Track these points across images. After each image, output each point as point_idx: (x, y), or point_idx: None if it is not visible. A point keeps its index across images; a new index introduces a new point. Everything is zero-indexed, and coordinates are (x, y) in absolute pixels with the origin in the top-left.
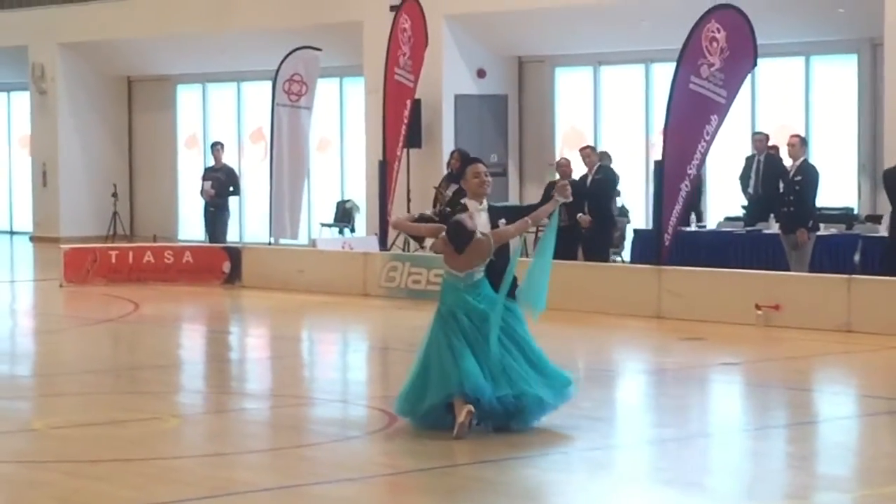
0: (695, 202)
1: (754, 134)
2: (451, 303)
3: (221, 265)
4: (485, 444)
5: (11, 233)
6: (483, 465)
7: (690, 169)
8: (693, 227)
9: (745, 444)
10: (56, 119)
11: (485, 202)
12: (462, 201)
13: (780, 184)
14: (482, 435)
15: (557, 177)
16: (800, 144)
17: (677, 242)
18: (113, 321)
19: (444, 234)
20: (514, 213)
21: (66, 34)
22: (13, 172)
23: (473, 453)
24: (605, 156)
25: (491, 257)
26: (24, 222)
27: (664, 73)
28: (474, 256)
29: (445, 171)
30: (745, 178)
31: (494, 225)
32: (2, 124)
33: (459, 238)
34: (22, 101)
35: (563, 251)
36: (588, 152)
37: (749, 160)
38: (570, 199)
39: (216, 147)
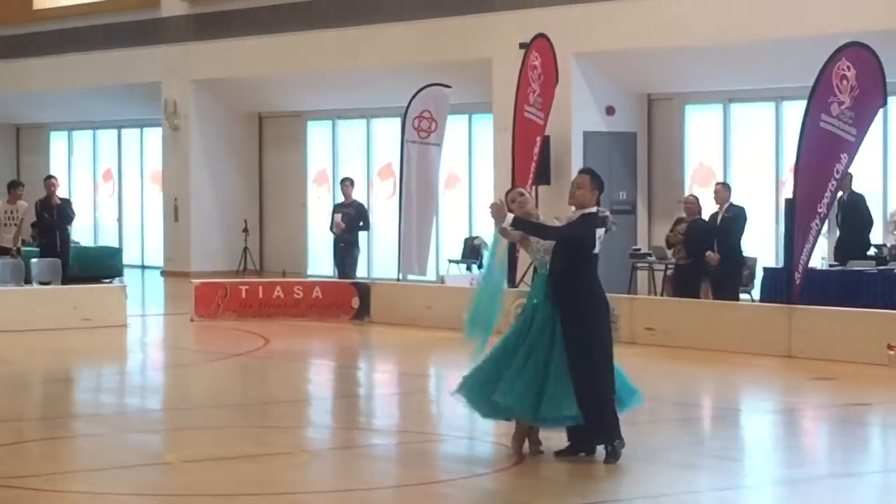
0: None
1: None
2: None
3: (350, 301)
4: (612, 482)
5: (143, 267)
6: None
7: (821, 207)
8: (825, 266)
9: (876, 485)
10: (188, 155)
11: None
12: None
13: (862, 223)
14: (611, 472)
15: (685, 214)
16: None
17: (807, 281)
18: (243, 356)
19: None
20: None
21: (199, 71)
22: (145, 207)
23: (603, 491)
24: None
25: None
26: (156, 257)
27: (795, 111)
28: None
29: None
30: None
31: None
32: (135, 160)
33: None
34: (155, 136)
35: (686, 288)
36: (719, 189)
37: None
38: (500, 222)
39: (345, 183)
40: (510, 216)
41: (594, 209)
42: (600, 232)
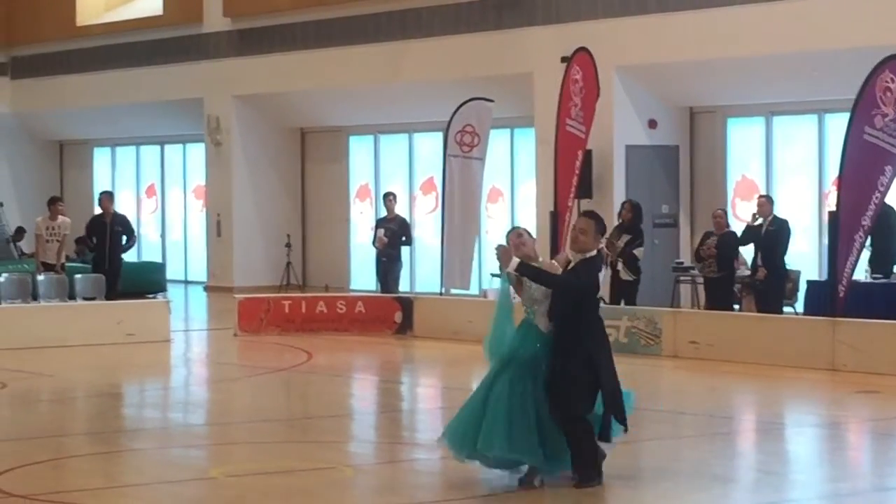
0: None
1: None
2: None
3: (393, 315)
4: (656, 496)
5: (186, 282)
6: None
7: (865, 220)
8: (868, 279)
9: None
10: (230, 170)
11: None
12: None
13: (890, 235)
14: (651, 487)
15: (714, 229)
16: None
17: (851, 294)
18: (286, 370)
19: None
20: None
21: (241, 87)
22: (188, 223)
23: None
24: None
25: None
26: (199, 272)
27: (838, 123)
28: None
29: (616, 222)
30: None
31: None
32: (178, 175)
33: None
34: (197, 152)
35: (721, 301)
36: (763, 202)
37: None
38: (505, 267)
39: (388, 197)
40: (515, 261)
41: (594, 252)
42: (601, 274)
